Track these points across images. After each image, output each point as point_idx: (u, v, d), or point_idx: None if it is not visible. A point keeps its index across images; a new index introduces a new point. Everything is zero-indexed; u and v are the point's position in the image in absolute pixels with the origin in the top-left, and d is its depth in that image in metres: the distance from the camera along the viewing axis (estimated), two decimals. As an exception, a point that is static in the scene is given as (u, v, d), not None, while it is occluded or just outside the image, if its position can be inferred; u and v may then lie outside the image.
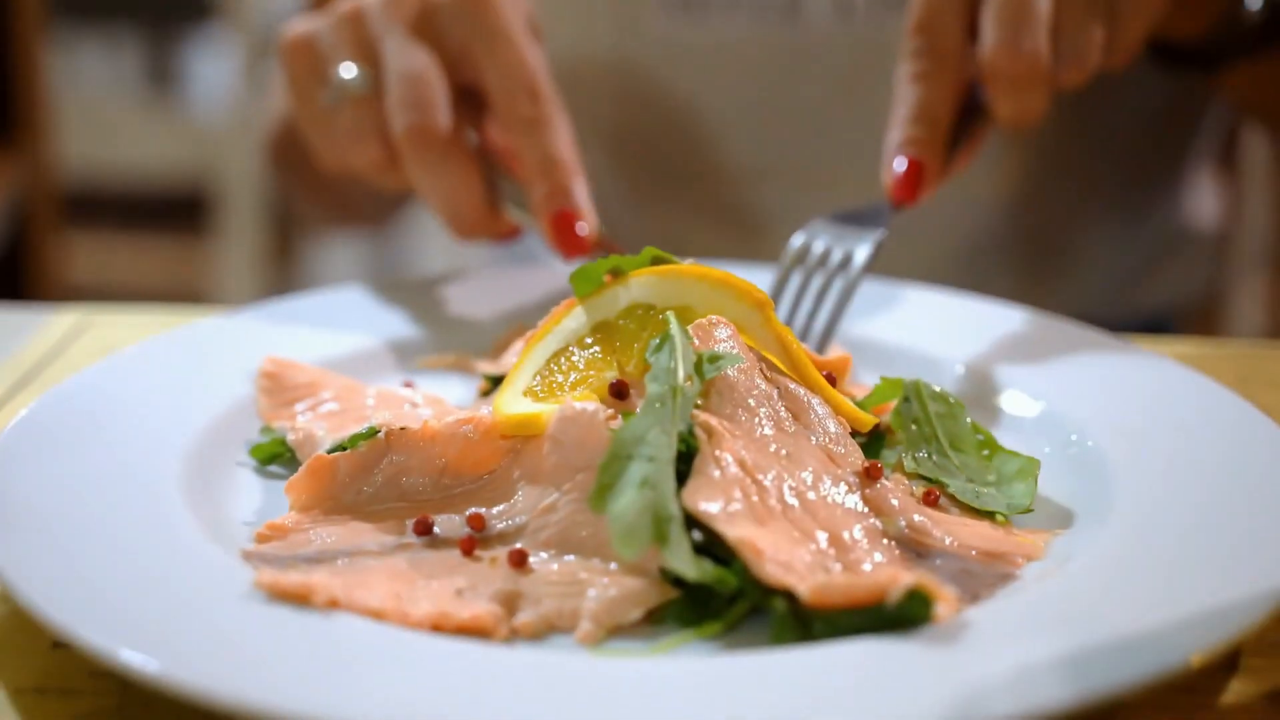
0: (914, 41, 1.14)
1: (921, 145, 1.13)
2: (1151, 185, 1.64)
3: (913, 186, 1.13)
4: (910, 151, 1.13)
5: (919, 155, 1.13)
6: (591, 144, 1.69)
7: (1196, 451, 0.93)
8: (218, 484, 0.93)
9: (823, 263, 1.12)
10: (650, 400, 0.83)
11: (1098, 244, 1.62)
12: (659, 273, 0.92)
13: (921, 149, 1.13)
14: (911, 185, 1.13)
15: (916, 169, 1.13)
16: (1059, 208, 1.59)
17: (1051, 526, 0.89)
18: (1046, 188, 1.57)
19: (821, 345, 1.09)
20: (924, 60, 1.13)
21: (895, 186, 1.13)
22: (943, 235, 1.56)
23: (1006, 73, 1.11)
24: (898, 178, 1.13)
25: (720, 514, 0.79)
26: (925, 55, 1.13)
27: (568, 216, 1.13)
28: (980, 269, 1.57)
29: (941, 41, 1.13)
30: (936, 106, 1.13)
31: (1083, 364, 1.06)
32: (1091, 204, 1.61)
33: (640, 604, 0.79)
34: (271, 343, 1.09)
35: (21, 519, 0.83)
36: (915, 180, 1.13)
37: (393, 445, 0.89)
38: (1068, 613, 0.76)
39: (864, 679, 0.71)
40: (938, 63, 1.13)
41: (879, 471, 0.87)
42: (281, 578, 0.78)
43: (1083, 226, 1.61)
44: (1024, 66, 1.10)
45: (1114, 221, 1.62)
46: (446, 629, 0.77)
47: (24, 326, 1.24)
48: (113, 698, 0.76)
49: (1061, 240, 1.61)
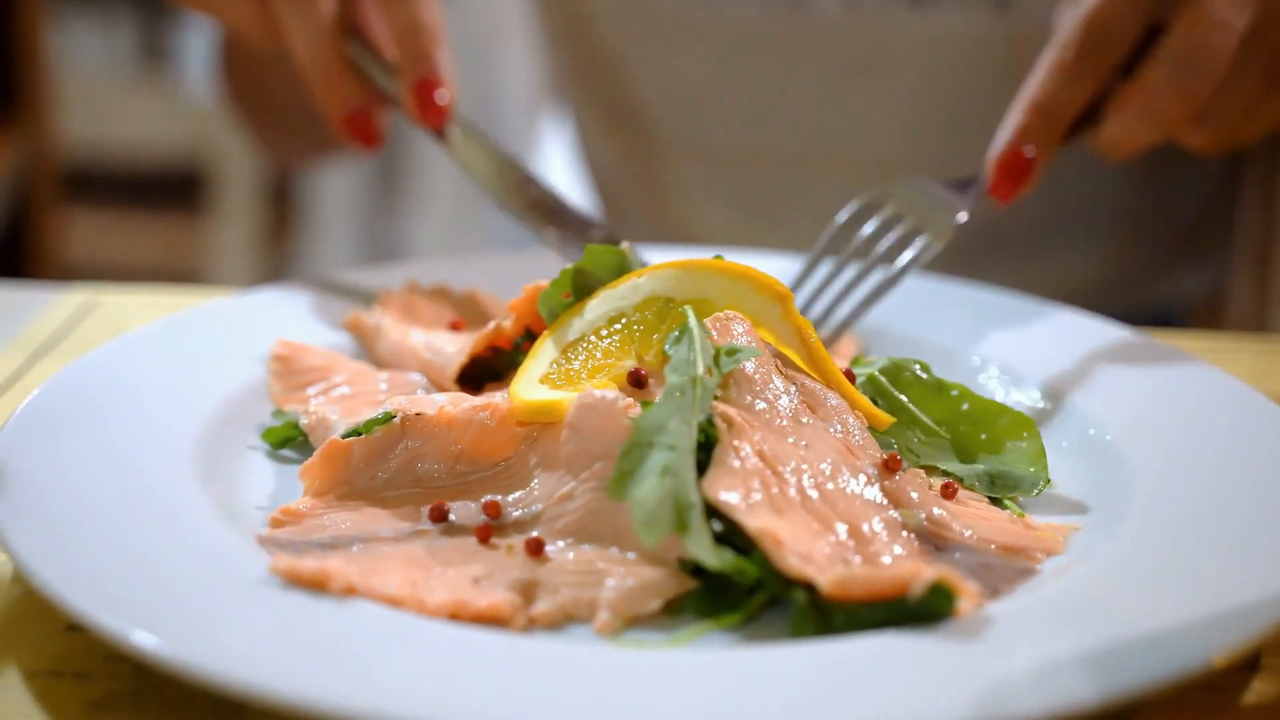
0: (1077, 33, 1.07)
1: (1037, 138, 1.07)
2: (1164, 179, 1.63)
3: (1016, 181, 1.07)
4: (1023, 142, 1.07)
5: (1031, 149, 1.07)
6: (596, 125, 1.69)
7: (1215, 447, 0.92)
8: (230, 467, 0.92)
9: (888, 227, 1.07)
10: (670, 390, 0.82)
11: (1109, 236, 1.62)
12: (678, 265, 0.92)
13: (1036, 142, 1.07)
14: (1016, 179, 1.07)
15: (1025, 162, 1.07)
16: (1070, 198, 1.59)
17: (1070, 521, 0.88)
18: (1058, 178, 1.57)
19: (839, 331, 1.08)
20: (1080, 56, 1.06)
21: (998, 177, 1.07)
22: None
23: (1154, 106, 1.06)
24: (1003, 167, 1.07)
25: (740, 504, 0.79)
26: (1083, 52, 1.06)
27: (428, 83, 1.13)
28: (990, 258, 1.56)
29: (1107, 46, 1.07)
30: (1068, 105, 1.07)
31: (1099, 356, 1.06)
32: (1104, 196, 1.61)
33: (659, 594, 0.79)
34: (283, 325, 1.08)
35: (35, 501, 0.82)
36: (1021, 174, 1.07)
37: (408, 430, 0.89)
38: (1089, 610, 0.76)
39: (885, 674, 0.71)
40: (1092, 64, 1.07)
41: (898, 464, 0.86)
42: (297, 563, 0.77)
43: (1094, 218, 1.61)
44: (1177, 111, 1.06)
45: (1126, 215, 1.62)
46: (464, 617, 0.76)
47: (32, 304, 1.23)
48: (127, 681, 0.75)
49: (1074, 231, 1.60)
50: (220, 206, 3.66)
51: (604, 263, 0.95)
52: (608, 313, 0.92)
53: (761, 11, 1.51)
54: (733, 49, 1.53)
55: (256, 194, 3.66)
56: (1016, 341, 1.09)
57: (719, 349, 0.85)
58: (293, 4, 1.14)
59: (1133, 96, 1.07)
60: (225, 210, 3.65)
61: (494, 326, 0.98)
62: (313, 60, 1.16)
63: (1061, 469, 0.94)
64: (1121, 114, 1.08)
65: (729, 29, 1.53)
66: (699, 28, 1.53)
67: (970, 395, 0.95)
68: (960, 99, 1.52)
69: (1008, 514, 0.88)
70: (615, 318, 0.92)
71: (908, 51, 1.50)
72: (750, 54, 1.53)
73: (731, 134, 1.57)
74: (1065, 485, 0.92)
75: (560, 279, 0.95)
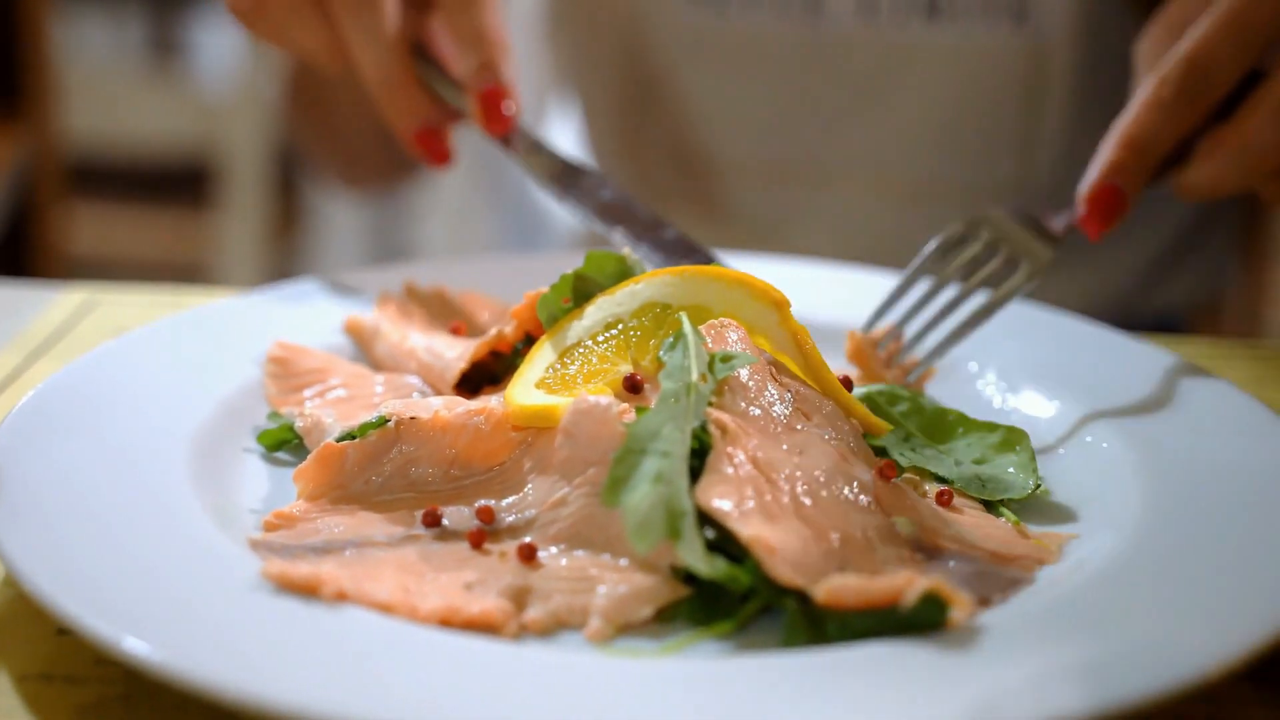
0: (1178, 70, 1.04)
1: (1129, 174, 1.05)
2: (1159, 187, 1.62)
3: (1106, 217, 1.05)
4: (1115, 178, 1.04)
5: (1123, 183, 1.05)
6: (606, 135, 1.69)
7: (1213, 454, 0.92)
8: (225, 470, 0.92)
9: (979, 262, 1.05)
10: (665, 396, 0.82)
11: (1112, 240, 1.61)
12: (675, 272, 0.92)
13: (1127, 178, 1.05)
14: (1106, 215, 1.05)
15: (1117, 197, 1.05)
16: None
17: (1065, 529, 0.88)
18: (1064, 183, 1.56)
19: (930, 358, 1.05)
20: (1179, 94, 1.04)
21: (1089, 212, 1.05)
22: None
23: (1248, 152, 1.04)
24: (1094, 202, 1.05)
25: (733, 511, 0.78)
26: (1183, 91, 1.04)
27: (495, 93, 1.15)
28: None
29: (1208, 86, 1.04)
30: (1161, 142, 1.05)
31: (1097, 363, 1.06)
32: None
33: (651, 601, 0.78)
34: (280, 327, 1.08)
35: (27, 504, 0.82)
36: (1111, 210, 1.05)
37: (403, 435, 0.89)
38: (1083, 620, 0.75)
39: (877, 683, 0.71)
40: (1190, 104, 1.04)
41: (893, 471, 0.86)
42: (289, 569, 0.77)
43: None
44: (1272, 160, 1.03)
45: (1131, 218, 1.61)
46: (455, 624, 0.76)
47: (31, 303, 1.23)
48: (118, 686, 0.75)
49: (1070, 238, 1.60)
50: (227, 201, 3.66)
51: (604, 268, 0.95)
52: (604, 318, 0.92)
53: (777, 24, 1.51)
54: (748, 62, 1.53)
55: (263, 189, 3.66)
56: (1013, 347, 1.09)
57: (714, 355, 0.85)
58: (359, 24, 1.15)
59: (1228, 140, 1.05)
60: (232, 205, 3.65)
61: (495, 332, 0.98)
62: (382, 79, 1.16)
63: (1057, 477, 0.93)
64: (1213, 157, 1.06)
65: (745, 42, 1.52)
66: (715, 40, 1.53)
67: (966, 420, 0.95)
68: (978, 111, 1.51)
69: (1003, 522, 0.88)
70: (612, 323, 0.91)
71: (925, 64, 1.50)
72: (766, 66, 1.53)
73: (748, 146, 1.56)
74: (1061, 493, 0.92)
75: (560, 284, 0.95)
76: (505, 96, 1.15)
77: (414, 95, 1.18)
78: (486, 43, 1.15)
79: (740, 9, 1.51)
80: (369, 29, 1.14)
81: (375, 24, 1.14)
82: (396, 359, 1.04)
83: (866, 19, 1.49)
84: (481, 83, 1.15)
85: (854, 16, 1.49)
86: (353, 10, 1.14)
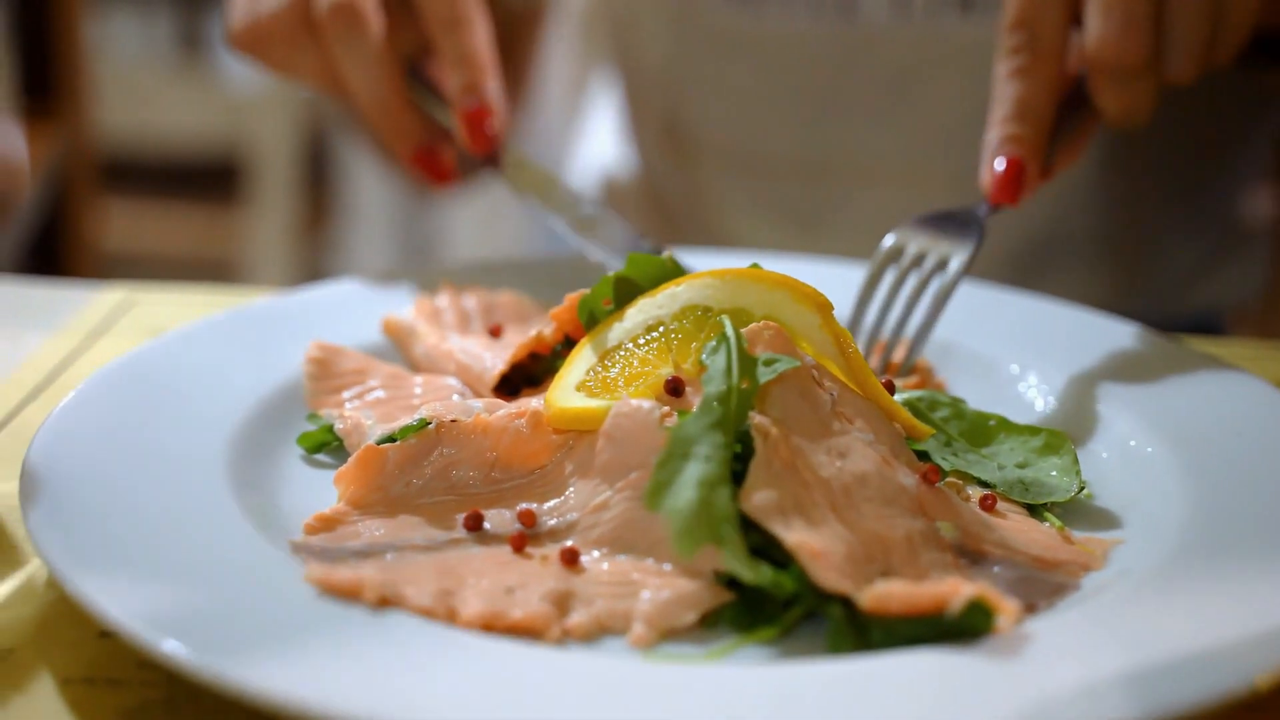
0: (1012, 38, 1.09)
1: (1022, 143, 1.08)
2: (1212, 183, 1.61)
3: (1014, 187, 1.08)
4: (1010, 150, 1.08)
5: (1019, 154, 1.08)
6: (645, 132, 1.69)
7: (1258, 458, 0.91)
8: (264, 471, 0.92)
9: (916, 264, 1.08)
10: (707, 400, 0.82)
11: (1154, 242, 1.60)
12: (716, 274, 0.91)
13: (1022, 147, 1.08)
14: (1012, 186, 1.08)
15: (1017, 168, 1.08)
16: (1117, 205, 1.57)
17: (1109, 535, 0.87)
18: (1105, 184, 1.55)
19: (911, 354, 1.06)
20: (1023, 55, 1.08)
21: (995, 187, 1.08)
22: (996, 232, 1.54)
23: (1112, 64, 1.06)
24: (997, 178, 1.08)
25: (777, 516, 0.78)
26: (1024, 50, 1.08)
27: (478, 114, 1.17)
28: (1034, 266, 1.55)
29: (1042, 35, 1.08)
30: (1037, 103, 1.08)
31: (1137, 365, 1.05)
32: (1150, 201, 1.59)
33: (694, 607, 0.78)
34: (318, 326, 1.08)
35: (69, 506, 0.82)
36: (1016, 180, 1.08)
37: (443, 437, 0.88)
38: (1129, 628, 0.75)
39: (923, 691, 0.70)
40: (1038, 57, 1.08)
41: (936, 475, 0.85)
42: (332, 573, 0.77)
43: (1141, 224, 1.59)
44: (1130, 58, 1.06)
45: (1173, 218, 1.60)
46: (498, 629, 0.76)
47: (69, 302, 1.24)
48: (161, 689, 0.75)
49: (1117, 238, 1.59)
50: (257, 196, 3.67)
51: (645, 271, 0.95)
52: (645, 321, 0.91)
53: (811, 21, 1.50)
54: (782, 59, 1.53)
55: (293, 184, 3.67)
56: (1054, 349, 1.08)
57: (756, 359, 0.85)
58: (349, 49, 1.17)
59: (1094, 64, 1.07)
60: (262, 200, 3.66)
61: (535, 334, 0.98)
62: (376, 103, 1.19)
63: (1101, 481, 0.92)
64: (1098, 85, 1.09)
65: (778, 39, 1.52)
66: (748, 38, 1.53)
67: (1007, 424, 0.95)
68: None
69: (1047, 527, 0.88)
70: (653, 326, 0.91)
71: (959, 58, 1.49)
72: (800, 64, 1.53)
73: (781, 144, 1.56)
74: (1105, 498, 0.91)
75: (601, 286, 0.95)
76: (488, 116, 1.18)
77: (408, 117, 1.20)
78: (470, 64, 1.17)
79: (777, 8, 1.50)
80: (359, 53, 1.17)
81: (365, 49, 1.17)
82: (434, 360, 1.04)
83: (900, 15, 1.49)
84: (466, 103, 1.17)
85: (888, 13, 1.49)
86: (342, 36, 1.17)
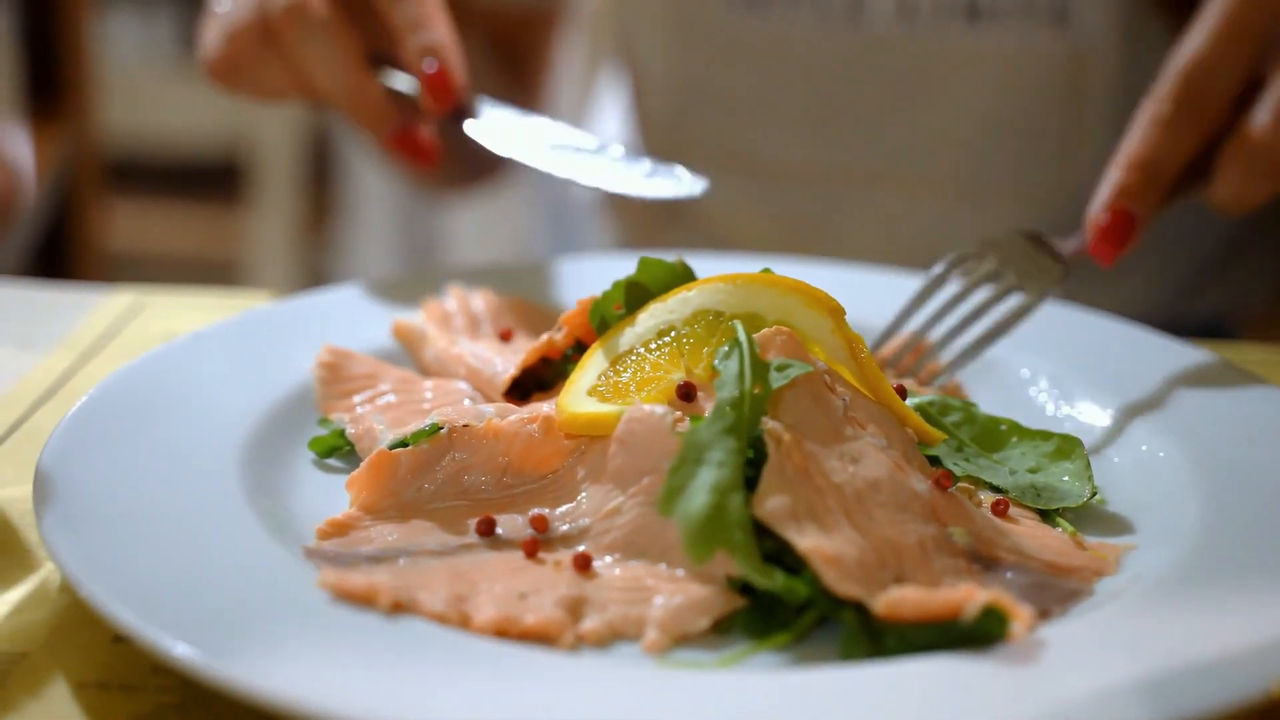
0: (1174, 86, 1.04)
1: (1136, 197, 1.03)
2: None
3: (1115, 243, 1.03)
4: (1123, 202, 1.03)
5: (1131, 208, 1.03)
6: (650, 135, 1.69)
7: (1270, 463, 0.91)
8: (277, 476, 0.92)
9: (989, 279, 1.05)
10: (720, 405, 0.82)
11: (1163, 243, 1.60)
12: (727, 279, 0.91)
13: (1136, 202, 1.03)
14: (1115, 240, 1.03)
15: (1126, 222, 1.03)
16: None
17: (1122, 540, 0.87)
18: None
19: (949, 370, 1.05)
20: (1177, 108, 1.04)
21: (1097, 238, 1.04)
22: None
23: (1260, 159, 1.02)
24: (1101, 228, 1.04)
25: (790, 522, 0.78)
26: (1181, 104, 1.04)
27: (436, 76, 1.17)
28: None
29: (1206, 98, 1.04)
30: (1170, 161, 1.04)
31: (1148, 369, 1.04)
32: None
33: (708, 613, 0.78)
34: (328, 331, 1.08)
35: (82, 511, 0.82)
36: (1121, 235, 1.03)
37: (455, 442, 0.88)
38: (1143, 634, 0.75)
39: (937, 697, 0.70)
40: (1192, 117, 1.04)
41: (948, 481, 0.85)
42: (345, 578, 0.77)
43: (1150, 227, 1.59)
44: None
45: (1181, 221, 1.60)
46: (511, 635, 0.76)
47: (79, 306, 1.23)
48: (175, 694, 0.75)
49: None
50: (260, 197, 3.67)
51: (656, 275, 0.95)
52: (657, 325, 0.91)
53: (817, 27, 1.50)
54: (787, 65, 1.53)
55: (296, 184, 3.67)
56: (1066, 354, 1.08)
57: (769, 364, 0.85)
58: (311, 51, 1.18)
59: (1240, 150, 1.04)
60: (265, 201, 3.66)
61: (546, 339, 0.98)
62: (345, 92, 1.19)
63: (1112, 486, 0.92)
64: (1231, 170, 1.05)
65: (783, 45, 1.52)
66: (753, 44, 1.53)
67: (1019, 429, 0.95)
68: (1019, 116, 1.51)
69: (1060, 532, 0.88)
70: (664, 330, 0.91)
71: (965, 67, 1.49)
72: (805, 70, 1.53)
73: (786, 150, 1.56)
74: (1117, 503, 0.91)
75: (612, 290, 0.95)
76: (447, 74, 1.17)
77: (379, 102, 1.20)
78: (422, 27, 1.18)
79: (781, 12, 1.50)
80: (318, 47, 1.18)
81: (322, 41, 1.18)
82: (445, 364, 1.04)
83: (906, 22, 1.49)
84: (425, 66, 1.17)
85: (894, 19, 1.49)
86: (302, 40, 1.18)
